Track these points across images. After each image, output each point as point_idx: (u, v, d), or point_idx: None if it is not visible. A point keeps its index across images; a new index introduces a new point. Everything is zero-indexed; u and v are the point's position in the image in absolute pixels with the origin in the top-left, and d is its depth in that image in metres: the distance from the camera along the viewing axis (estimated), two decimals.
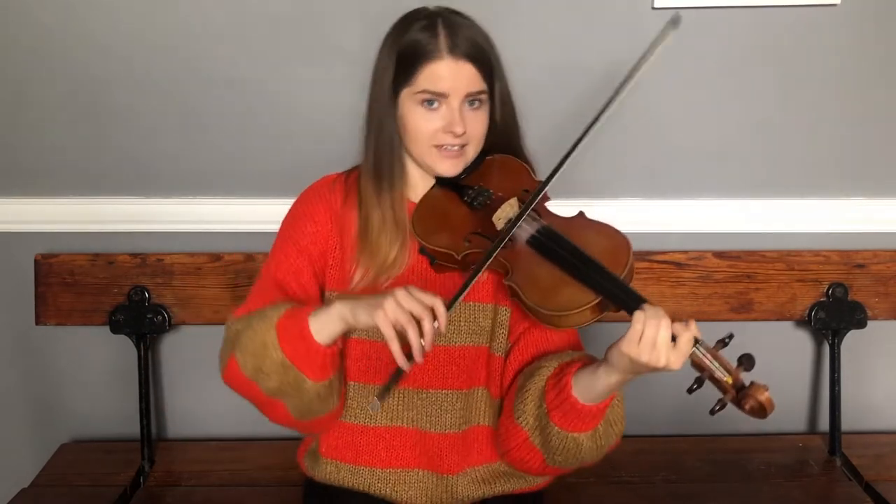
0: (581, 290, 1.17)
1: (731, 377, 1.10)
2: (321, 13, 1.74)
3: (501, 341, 1.37)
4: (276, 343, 1.21)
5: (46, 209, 1.87)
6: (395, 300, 1.11)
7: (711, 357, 1.10)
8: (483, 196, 1.30)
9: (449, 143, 1.26)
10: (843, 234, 1.88)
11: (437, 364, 1.34)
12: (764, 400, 1.08)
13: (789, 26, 1.74)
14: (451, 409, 1.35)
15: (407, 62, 1.23)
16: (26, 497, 1.74)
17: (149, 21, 1.74)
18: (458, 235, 1.28)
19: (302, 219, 1.36)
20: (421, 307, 1.11)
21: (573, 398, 1.20)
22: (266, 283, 1.35)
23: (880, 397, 2.00)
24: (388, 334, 1.11)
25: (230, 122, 1.82)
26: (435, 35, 1.22)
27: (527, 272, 1.21)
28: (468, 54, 1.22)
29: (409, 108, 1.26)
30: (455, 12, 1.28)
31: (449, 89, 1.22)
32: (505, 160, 1.35)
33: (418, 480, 1.36)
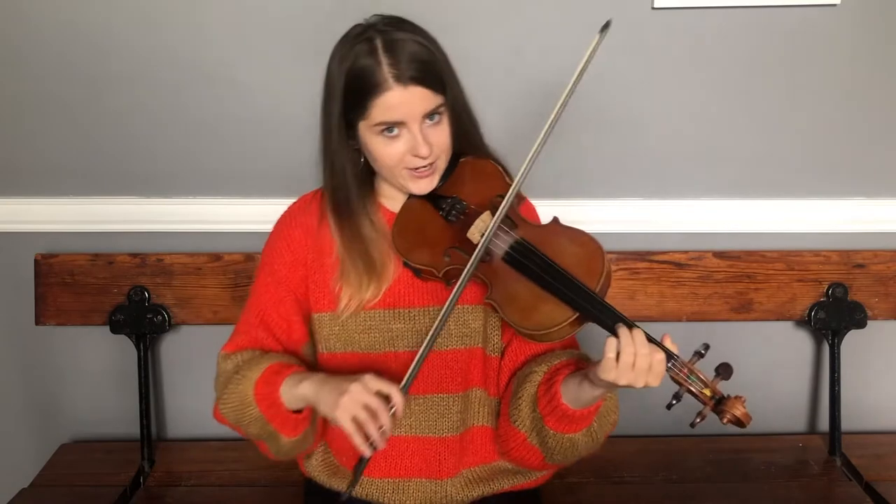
0: (558, 307, 1.18)
1: (709, 389, 1.13)
2: (321, 13, 1.73)
3: (496, 342, 1.37)
4: (253, 403, 1.28)
5: (46, 209, 1.88)
6: (350, 396, 1.15)
7: (688, 371, 1.13)
8: (457, 209, 1.29)
9: (418, 164, 1.24)
10: (843, 234, 1.88)
11: (432, 369, 1.34)
12: (740, 414, 1.11)
13: (789, 26, 1.74)
14: (448, 413, 1.36)
15: (355, 95, 1.20)
16: (26, 497, 1.74)
17: (149, 21, 1.74)
18: (438, 251, 1.28)
19: (279, 248, 1.37)
20: (376, 401, 1.15)
21: (564, 405, 1.23)
22: (250, 317, 1.38)
23: (880, 397, 2.00)
24: (348, 429, 1.15)
25: (230, 123, 1.82)
26: (377, 63, 1.17)
27: (505, 290, 1.22)
28: (415, 78, 1.17)
29: (369, 139, 1.23)
30: (394, 23, 1.22)
31: (404, 116, 1.19)
32: (476, 164, 1.33)
33: (416, 489, 1.37)
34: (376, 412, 1.15)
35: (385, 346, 1.33)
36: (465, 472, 1.39)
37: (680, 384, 1.13)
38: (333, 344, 1.35)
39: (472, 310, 1.33)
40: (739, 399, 1.12)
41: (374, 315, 1.33)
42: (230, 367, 1.34)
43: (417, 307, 1.32)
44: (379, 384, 1.16)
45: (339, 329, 1.34)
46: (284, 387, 1.25)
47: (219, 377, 1.37)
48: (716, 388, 1.13)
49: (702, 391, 1.12)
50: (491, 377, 1.38)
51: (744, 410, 1.11)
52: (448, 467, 1.37)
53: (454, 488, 1.38)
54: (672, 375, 1.13)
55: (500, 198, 1.27)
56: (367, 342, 1.33)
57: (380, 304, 1.32)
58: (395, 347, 1.33)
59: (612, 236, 1.88)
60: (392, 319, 1.32)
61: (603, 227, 1.86)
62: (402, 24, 1.23)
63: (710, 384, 1.13)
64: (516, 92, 1.77)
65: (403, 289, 1.32)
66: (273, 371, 1.28)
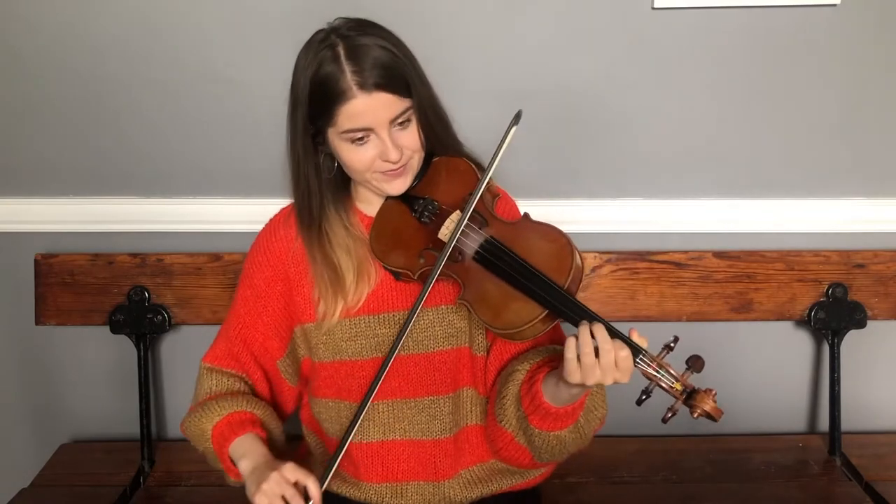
0: (527, 305, 1.17)
1: (679, 383, 1.11)
2: (320, 13, 1.73)
3: (481, 341, 1.37)
4: (209, 440, 1.32)
5: (46, 209, 1.88)
6: (268, 485, 1.18)
7: (657, 366, 1.12)
8: (429, 209, 1.29)
9: (389, 168, 1.24)
10: (843, 234, 1.88)
11: (421, 372, 1.34)
12: (710, 409, 1.09)
13: (789, 26, 1.74)
14: (440, 415, 1.36)
15: (321, 103, 1.19)
16: (26, 497, 1.74)
17: (149, 22, 1.74)
18: (412, 253, 1.28)
19: (260, 263, 1.37)
20: (292, 491, 1.17)
21: (546, 404, 1.22)
22: (230, 329, 1.41)
23: (880, 397, 2.00)
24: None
25: (230, 122, 1.81)
26: (341, 70, 1.16)
27: (476, 289, 1.22)
28: (379, 84, 1.16)
29: (339, 145, 1.23)
30: (357, 26, 1.21)
31: (371, 123, 1.19)
32: (450, 162, 1.32)
33: (415, 492, 1.37)
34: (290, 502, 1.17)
35: (372, 353, 1.33)
36: (463, 472, 1.39)
37: (650, 379, 1.12)
38: (322, 353, 1.36)
39: (455, 309, 1.33)
40: (710, 392, 1.10)
41: (359, 321, 1.32)
42: (205, 390, 1.39)
43: (401, 311, 1.32)
44: (297, 475, 1.19)
45: (325, 338, 1.34)
46: (233, 448, 1.29)
47: (196, 388, 1.42)
48: (686, 382, 1.11)
49: (672, 385, 1.11)
50: (479, 376, 1.38)
51: (713, 405, 1.09)
52: (445, 469, 1.37)
53: (453, 490, 1.38)
54: (641, 370, 1.12)
55: (471, 195, 1.26)
56: (353, 349, 1.33)
57: (364, 310, 1.32)
58: (383, 353, 1.33)
59: (612, 236, 1.88)
60: (377, 325, 1.32)
61: (603, 227, 1.87)
62: (366, 27, 1.21)
63: (681, 378, 1.11)
64: (517, 95, 1.76)
65: (386, 293, 1.32)
66: (229, 423, 1.30)
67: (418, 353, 1.32)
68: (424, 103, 1.25)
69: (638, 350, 1.12)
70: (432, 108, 1.27)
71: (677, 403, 1.11)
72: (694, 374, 1.12)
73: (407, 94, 1.20)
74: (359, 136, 1.20)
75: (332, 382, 1.37)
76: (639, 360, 1.12)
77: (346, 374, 1.35)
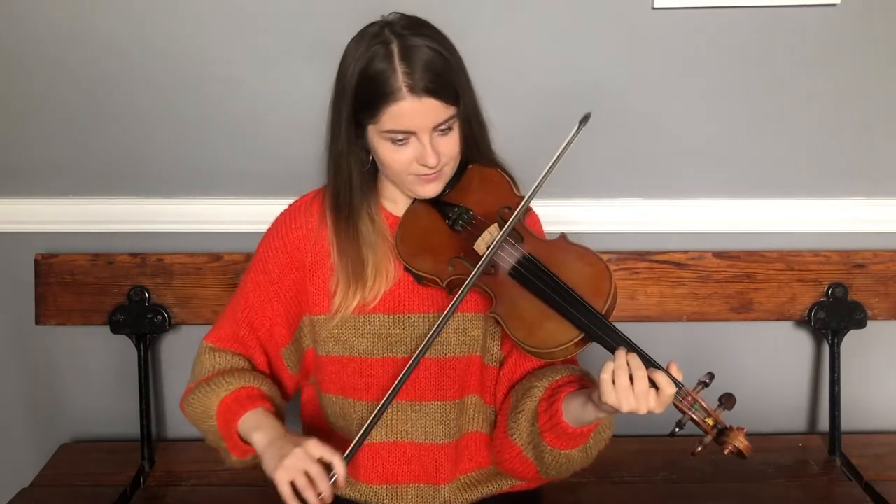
0: (563, 326, 1.17)
1: (712, 419, 1.12)
2: (320, 13, 1.73)
3: (495, 351, 1.37)
4: (214, 417, 1.28)
5: (46, 209, 1.88)
6: (291, 461, 1.14)
7: (691, 400, 1.13)
8: (464, 219, 1.29)
9: (425, 172, 1.24)
10: (843, 234, 1.88)
11: (429, 376, 1.33)
12: (742, 446, 1.11)
13: (789, 26, 1.74)
14: (445, 420, 1.35)
15: (366, 97, 1.18)
16: (26, 497, 1.74)
17: (148, 21, 1.74)
18: (442, 260, 1.27)
19: (275, 247, 1.35)
20: (316, 468, 1.14)
21: (564, 423, 1.22)
22: (236, 311, 1.38)
23: (880, 397, 2.00)
24: (285, 492, 1.13)
25: (230, 122, 1.81)
26: (392, 70, 1.15)
27: (510, 305, 1.21)
28: (429, 89, 1.15)
29: (378, 143, 1.22)
30: (412, 26, 1.20)
31: (414, 127, 1.18)
32: (484, 173, 1.33)
33: (414, 494, 1.37)
34: (315, 479, 1.13)
35: (383, 352, 1.33)
36: (461, 477, 1.39)
37: (683, 412, 1.13)
38: (332, 347, 1.35)
39: (472, 318, 1.33)
40: (742, 430, 1.11)
41: (373, 319, 1.32)
42: (206, 368, 1.35)
43: (417, 313, 1.32)
44: (321, 451, 1.15)
45: (337, 332, 1.33)
46: (243, 422, 1.25)
47: (195, 367, 1.38)
48: (718, 418, 1.13)
49: (704, 420, 1.12)
50: (488, 386, 1.38)
51: (746, 443, 1.11)
52: (445, 473, 1.37)
53: (452, 493, 1.38)
54: (675, 403, 1.13)
55: (507, 210, 1.27)
56: (364, 347, 1.33)
57: (379, 309, 1.31)
58: (394, 353, 1.32)
59: (612, 236, 1.88)
60: (391, 325, 1.32)
61: (603, 227, 1.87)
62: (421, 27, 1.21)
63: (713, 413, 1.13)
64: (517, 95, 1.76)
65: (404, 294, 1.32)
66: (237, 397, 1.27)
67: (429, 358, 1.32)
68: (469, 112, 1.25)
69: (675, 383, 1.13)
70: (476, 118, 1.28)
71: (707, 437, 1.13)
72: (725, 411, 1.14)
73: (454, 103, 1.20)
74: (399, 138, 1.20)
75: (337, 378, 1.36)
76: (677, 393, 1.13)
77: (353, 372, 1.34)
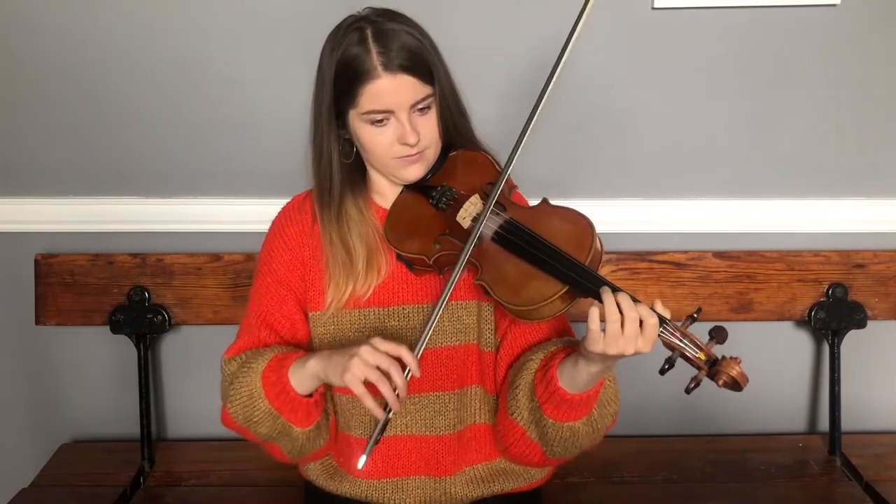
0: (547, 281, 1.17)
1: (703, 353, 1.10)
2: (321, 13, 1.73)
3: (489, 337, 1.37)
4: (262, 394, 1.26)
5: (46, 209, 1.88)
6: (360, 358, 1.13)
7: (681, 335, 1.11)
8: (447, 195, 1.30)
9: (407, 153, 1.25)
10: (843, 234, 1.88)
11: (427, 367, 1.33)
12: (736, 374, 1.08)
13: (789, 26, 1.74)
14: (445, 411, 1.35)
15: (345, 83, 1.21)
16: (26, 497, 1.74)
17: (149, 22, 1.74)
18: (429, 239, 1.28)
19: (276, 248, 1.37)
20: (387, 360, 1.13)
21: (562, 390, 1.21)
22: (252, 319, 1.37)
23: (880, 397, 2.00)
24: (359, 391, 1.13)
25: (230, 123, 1.82)
26: (367, 51, 1.18)
27: (495, 269, 1.22)
28: (404, 66, 1.19)
29: (359, 128, 1.24)
30: (385, 14, 1.24)
31: (392, 105, 1.20)
32: (467, 155, 1.34)
33: (416, 486, 1.37)
34: (389, 372, 1.12)
35: None
36: (466, 469, 1.39)
37: (673, 349, 1.11)
38: (328, 343, 1.35)
39: (465, 305, 1.33)
40: (735, 360, 1.09)
41: (368, 313, 1.32)
42: (234, 368, 1.33)
43: (411, 304, 1.32)
44: (388, 345, 1.14)
45: (332, 328, 1.33)
46: (293, 369, 1.23)
47: (223, 381, 1.36)
48: (710, 352, 1.10)
49: (696, 356, 1.10)
50: (487, 373, 1.38)
51: (739, 370, 1.08)
52: (447, 465, 1.37)
53: (454, 486, 1.37)
54: (664, 340, 1.11)
55: (489, 185, 1.27)
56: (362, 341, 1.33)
57: (372, 302, 1.32)
58: None
59: (612, 236, 1.87)
60: (386, 317, 1.32)
61: (603, 227, 1.83)
62: (394, 15, 1.24)
63: (705, 347, 1.10)
64: (517, 95, 1.76)
65: (397, 286, 1.32)
66: (279, 359, 1.27)
67: (426, 348, 1.29)
68: (446, 92, 1.27)
69: (663, 319, 1.11)
70: (453, 99, 1.29)
71: (701, 373, 1.10)
72: (717, 345, 1.11)
73: (430, 81, 1.23)
74: (378, 119, 1.22)
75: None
76: (662, 330, 1.11)
77: None
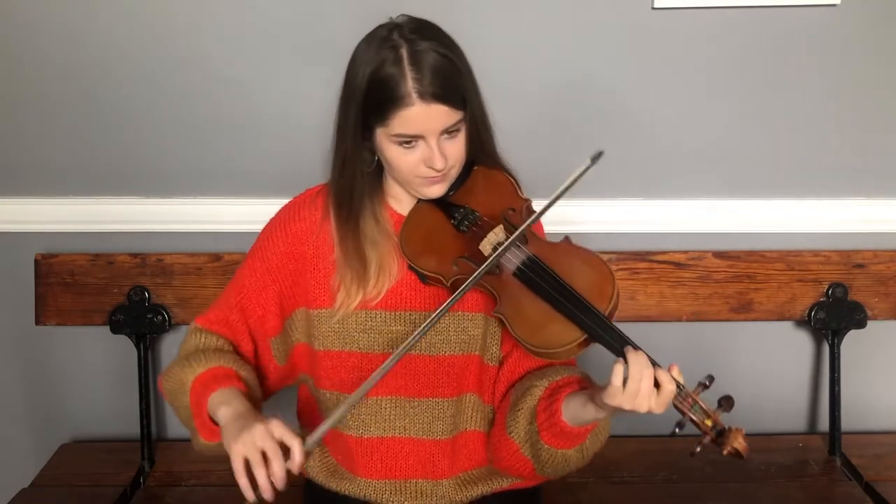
0: (567, 327, 1.18)
1: (711, 420, 1.14)
2: (321, 13, 1.74)
3: (494, 351, 1.37)
4: (187, 393, 1.28)
5: (46, 209, 1.88)
6: (250, 435, 1.13)
7: (692, 402, 1.14)
8: (470, 219, 1.30)
9: (431, 175, 1.24)
10: (843, 234, 1.88)
11: (428, 373, 1.34)
12: (740, 447, 1.13)
13: (789, 26, 1.74)
14: (442, 417, 1.36)
15: (376, 100, 1.19)
16: (26, 497, 1.74)
17: (149, 22, 1.74)
18: (447, 259, 1.28)
19: (276, 238, 1.36)
20: (274, 449, 1.12)
21: (562, 423, 1.23)
22: (230, 295, 1.38)
23: (880, 397, 2.00)
24: (236, 468, 1.13)
25: (230, 123, 1.82)
26: (402, 75, 1.16)
27: (514, 304, 1.22)
28: (437, 95, 1.17)
29: (386, 145, 1.23)
30: (420, 30, 1.20)
31: (423, 131, 1.19)
32: (489, 174, 1.34)
33: (414, 489, 1.37)
34: (271, 459, 1.12)
35: (384, 348, 1.33)
36: (461, 474, 1.40)
37: (683, 413, 1.14)
38: (332, 342, 1.35)
39: (472, 317, 1.33)
40: (740, 431, 1.13)
41: (375, 315, 1.33)
42: (191, 347, 1.35)
43: (419, 311, 1.32)
44: (282, 432, 1.14)
45: (338, 327, 1.33)
46: (213, 397, 1.24)
47: (181, 347, 1.38)
48: (717, 420, 1.14)
49: (703, 421, 1.14)
50: (486, 385, 1.38)
51: (744, 444, 1.12)
52: (442, 468, 1.37)
53: (452, 489, 1.38)
54: (675, 404, 1.14)
55: (512, 211, 1.28)
56: (365, 342, 1.33)
57: (381, 305, 1.32)
58: (394, 349, 1.32)
59: (612, 236, 1.88)
60: (392, 321, 1.32)
61: (603, 227, 1.87)
62: (429, 30, 1.21)
63: (713, 415, 1.14)
64: (516, 95, 1.76)
65: (406, 291, 1.32)
66: (213, 375, 1.27)
67: (428, 355, 1.32)
68: (476, 114, 1.26)
69: (677, 385, 1.14)
70: (482, 121, 1.28)
71: (706, 438, 1.14)
72: (724, 413, 1.15)
73: (462, 107, 1.21)
74: (408, 142, 1.21)
75: (334, 374, 1.36)
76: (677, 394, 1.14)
77: (352, 367, 1.34)
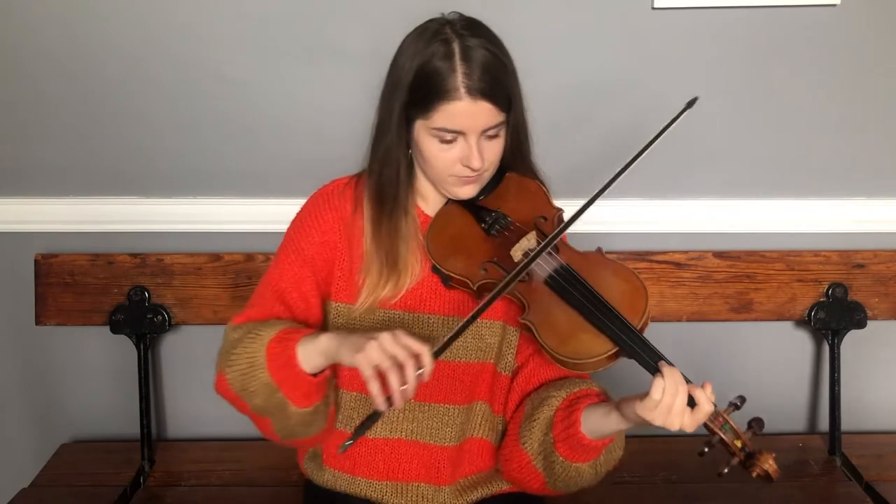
0: (598, 339, 1.16)
1: (740, 441, 1.12)
2: (321, 13, 1.74)
3: (509, 360, 1.36)
4: (263, 364, 1.21)
5: (46, 209, 1.88)
6: (378, 343, 1.08)
7: (722, 421, 1.13)
8: (501, 223, 1.29)
9: (466, 174, 1.23)
10: (843, 234, 1.88)
11: (441, 378, 1.32)
12: (770, 469, 1.10)
13: (789, 26, 1.74)
14: (451, 423, 1.35)
15: (422, 92, 1.18)
16: (26, 497, 1.74)
17: (149, 22, 1.74)
18: (475, 263, 1.26)
19: (309, 227, 1.33)
20: (405, 353, 1.07)
21: (581, 434, 1.21)
22: (266, 291, 1.33)
23: (880, 397, 2.00)
24: (367, 374, 1.08)
25: (230, 122, 1.81)
26: (452, 69, 1.16)
27: (543, 312, 1.20)
28: (485, 92, 1.16)
29: (423, 138, 1.22)
30: (471, 27, 1.21)
31: (465, 127, 1.18)
32: (521, 181, 1.33)
33: (415, 492, 1.36)
34: (403, 365, 1.07)
35: None
36: (461, 480, 1.39)
37: (713, 432, 1.13)
38: None
39: (490, 325, 1.32)
40: (770, 454, 1.11)
41: (393, 315, 1.31)
42: (239, 335, 1.27)
43: (437, 315, 1.31)
44: (411, 341, 1.08)
45: (357, 325, 1.31)
46: (302, 343, 1.18)
47: (224, 346, 1.30)
48: (747, 441, 1.13)
49: (733, 442, 1.12)
50: (498, 394, 1.37)
51: (775, 466, 1.11)
52: (446, 475, 1.37)
53: (451, 495, 1.37)
54: (707, 423, 1.13)
55: (543, 220, 1.28)
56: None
57: (399, 305, 1.30)
58: None
59: (612, 236, 1.88)
60: (412, 323, 1.31)
61: (603, 227, 1.87)
62: (481, 28, 1.22)
63: (742, 436, 1.13)
64: None
65: (426, 294, 1.31)
66: (288, 331, 1.22)
67: (443, 361, 1.29)
68: (518, 120, 1.26)
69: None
70: (523, 127, 1.28)
71: (735, 460, 1.13)
72: (754, 435, 1.13)
73: (506, 109, 1.21)
74: (448, 137, 1.20)
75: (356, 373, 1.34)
76: None
77: None
